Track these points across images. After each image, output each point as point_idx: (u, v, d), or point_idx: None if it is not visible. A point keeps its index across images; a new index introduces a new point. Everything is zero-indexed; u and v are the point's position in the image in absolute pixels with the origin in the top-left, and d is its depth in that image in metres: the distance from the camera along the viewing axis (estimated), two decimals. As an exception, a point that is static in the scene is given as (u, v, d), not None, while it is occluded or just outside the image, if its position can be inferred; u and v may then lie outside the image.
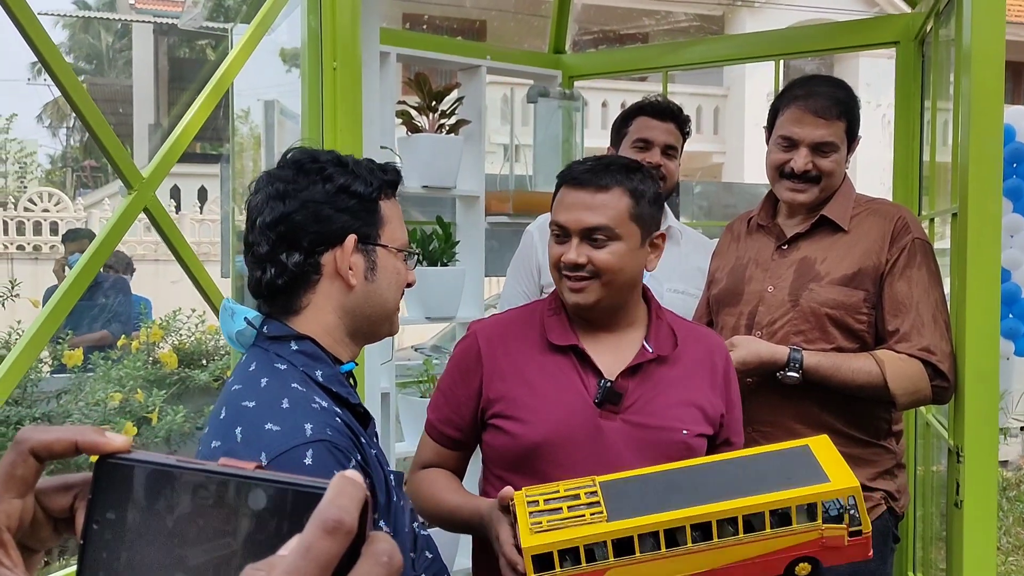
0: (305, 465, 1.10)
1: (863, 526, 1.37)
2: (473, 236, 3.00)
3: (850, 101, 2.03)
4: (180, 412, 3.95)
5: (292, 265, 1.24)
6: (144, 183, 1.32)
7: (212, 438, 1.19)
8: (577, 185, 1.57)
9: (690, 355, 1.65)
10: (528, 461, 1.57)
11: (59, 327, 1.22)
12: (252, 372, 1.24)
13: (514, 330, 1.65)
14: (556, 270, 1.60)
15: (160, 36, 18.82)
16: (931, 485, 2.74)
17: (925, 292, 1.94)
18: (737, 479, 1.39)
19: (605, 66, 3.48)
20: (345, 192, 1.26)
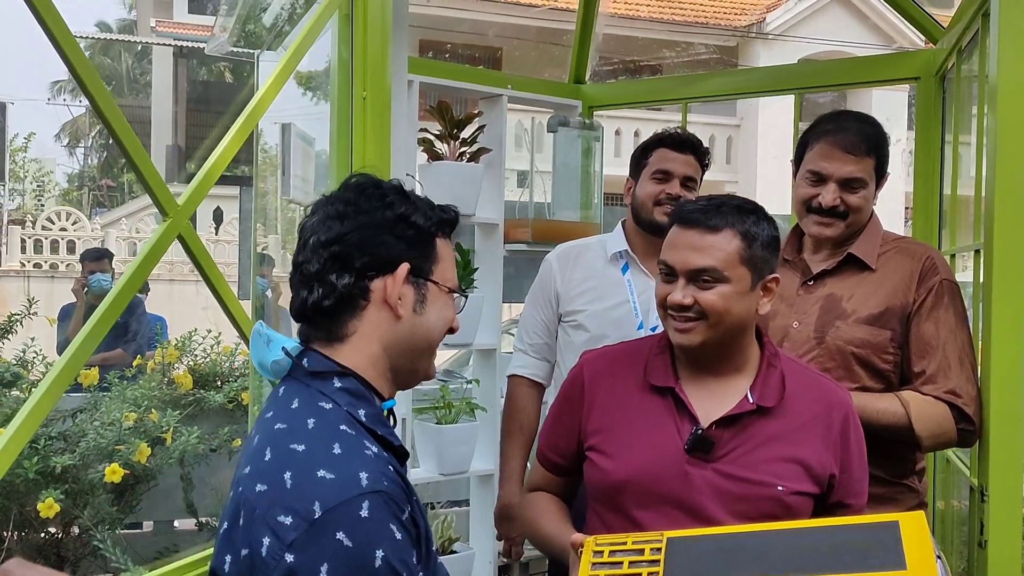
0: (361, 518, 1.07)
1: None
2: (491, 263, 3.00)
3: (879, 138, 2.03)
4: (194, 433, 3.94)
5: (341, 287, 1.21)
6: (179, 210, 1.34)
7: (257, 480, 1.13)
8: (687, 224, 1.55)
9: (803, 408, 1.58)
10: (614, 497, 1.58)
11: (91, 354, 1.22)
12: (296, 411, 1.19)
13: (620, 364, 1.66)
14: (662, 309, 1.59)
15: (180, 59, 19.03)
16: (951, 522, 2.71)
17: (952, 334, 1.93)
18: (809, 551, 1.31)
19: (625, 97, 3.50)
20: (404, 221, 1.24)
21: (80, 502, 3.63)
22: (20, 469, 3.42)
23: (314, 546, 1.04)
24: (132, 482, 3.86)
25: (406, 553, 1.09)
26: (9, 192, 19.92)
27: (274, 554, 1.06)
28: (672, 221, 1.60)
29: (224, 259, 13.53)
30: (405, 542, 1.10)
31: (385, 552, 1.06)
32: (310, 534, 1.05)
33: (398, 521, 1.10)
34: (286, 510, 1.07)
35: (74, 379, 1.23)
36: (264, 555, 1.07)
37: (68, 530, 3.84)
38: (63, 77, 26.08)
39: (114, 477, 3.51)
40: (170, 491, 4.15)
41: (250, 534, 1.09)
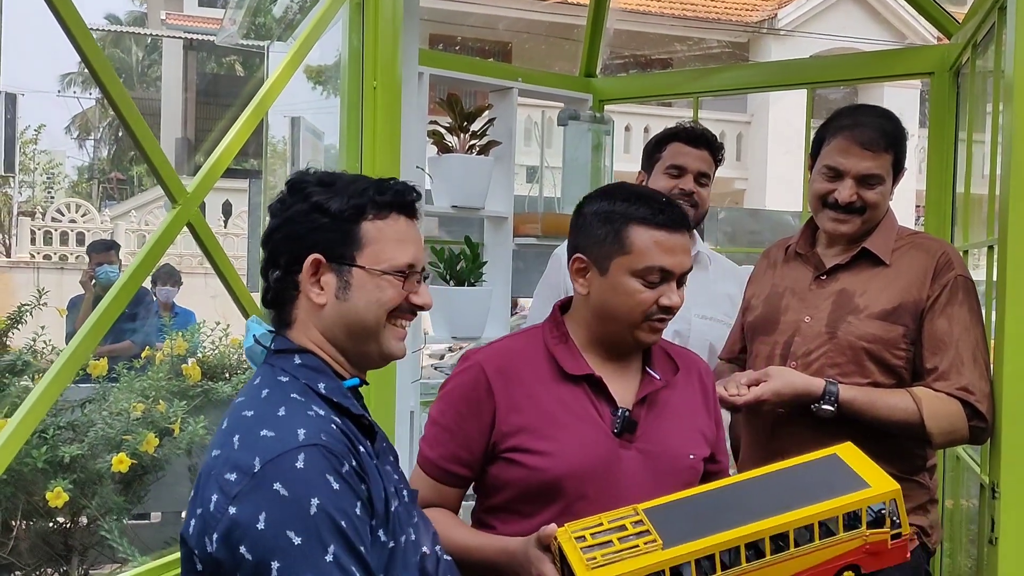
0: (297, 469, 1.12)
1: (903, 528, 1.39)
2: (501, 256, 3.00)
3: (897, 133, 2.00)
4: (202, 423, 3.95)
5: (273, 281, 1.30)
6: (188, 198, 1.33)
7: (213, 447, 1.23)
8: (675, 229, 1.57)
9: (684, 379, 1.68)
10: (547, 493, 1.54)
11: (100, 340, 1.23)
12: (256, 386, 1.28)
13: (519, 360, 1.62)
14: (642, 315, 1.57)
15: (189, 51, 19.06)
16: (960, 520, 2.70)
17: (966, 330, 1.91)
18: (777, 494, 1.40)
19: (636, 90, 3.48)
20: (317, 211, 1.28)
21: (88, 492, 3.64)
22: (29, 459, 3.43)
23: (253, 497, 1.11)
24: (140, 472, 3.88)
25: (345, 502, 1.14)
26: (19, 184, 19.99)
27: (219, 508, 1.13)
28: (654, 224, 1.56)
29: (234, 252, 13.56)
30: (344, 492, 1.14)
31: (321, 500, 1.11)
32: (250, 486, 1.12)
33: (336, 473, 1.15)
34: (231, 468, 1.15)
35: (83, 366, 1.23)
36: (212, 510, 1.14)
37: (76, 520, 3.85)
38: (73, 69, 26.15)
39: (121, 467, 3.52)
40: (178, 482, 4.16)
41: (204, 494, 1.17)
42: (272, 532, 1.10)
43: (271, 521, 1.10)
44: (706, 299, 2.43)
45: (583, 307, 1.64)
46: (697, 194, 2.40)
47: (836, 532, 1.37)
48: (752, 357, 2.13)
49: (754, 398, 1.89)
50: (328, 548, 1.11)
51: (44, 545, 3.81)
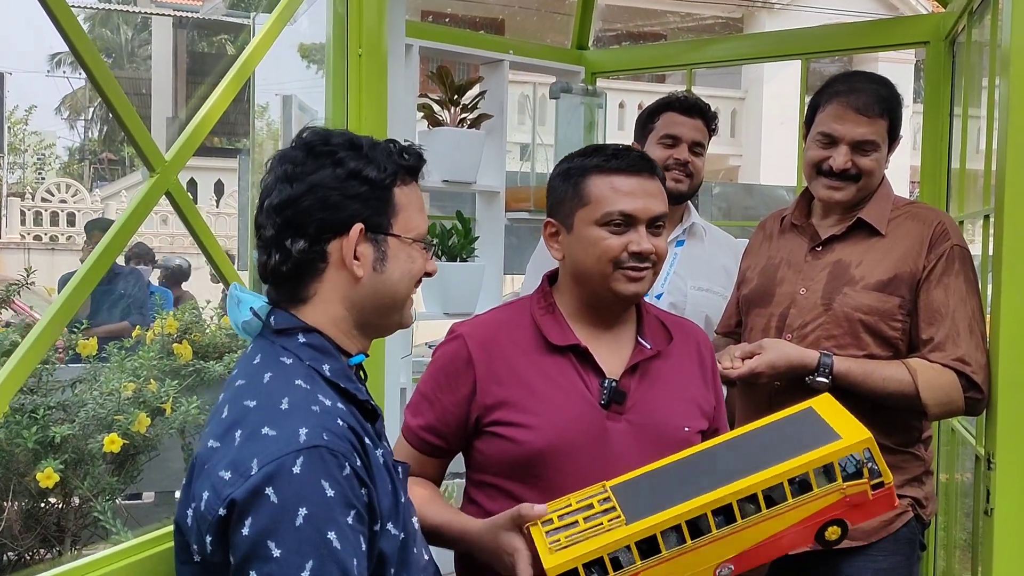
0: (292, 475, 1.08)
1: (884, 477, 1.34)
2: (493, 232, 2.97)
3: (893, 99, 1.98)
4: (194, 403, 3.93)
5: (297, 252, 1.20)
6: (166, 166, 1.29)
7: (212, 435, 1.17)
8: (635, 172, 1.53)
9: (679, 349, 1.63)
10: (531, 468, 1.51)
11: (76, 312, 1.19)
12: (256, 366, 1.21)
13: (504, 332, 1.59)
14: (611, 263, 1.52)
15: (179, 30, 18.89)
16: (955, 492, 2.69)
17: (962, 301, 1.89)
18: (747, 455, 1.36)
19: (628, 63, 3.44)
20: (355, 178, 1.21)
21: (79, 472, 3.62)
22: (19, 439, 3.41)
23: (244, 501, 1.07)
24: (132, 452, 3.86)
25: (337, 511, 1.09)
26: (9, 165, 19.85)
27: (210, 508, 1.10)
28: (610, 171, 1.53)
29: (226, 232, 13.50)
30: (337, 500, 1.09)
31: (310, 511, 1.07)
32: (242, 490, 1.07)
33: (333, 478, 1.10)
34: (228, 466, 1.10)
35: (71, 346, 1.20)
36: (203, 509, 1.11)
37: (68, 500, 3.84)
38: (63, 49, 25.93)
39: (113, 447, 3.50)
40: (171, 461, 4.15)
41: (197, 488, 1.13)
42: (254, 540, 1.06)
43: (255, 528, 1.06)
44: (702, 271, 2.41)
45: (563, 273, 1.62)
46: (692, 164, 2.38)
47: (812, 488, 1.32)
48: (747, 330, 2.11)
49: (748, 371, 1.88)
50: (306, 565, 1.06)
51: (37, 526, 3.80)
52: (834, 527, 1.34)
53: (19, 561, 3.73)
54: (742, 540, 1.31)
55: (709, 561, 1.32)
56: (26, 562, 3.71)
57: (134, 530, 3.46)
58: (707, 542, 1.31)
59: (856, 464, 1.33)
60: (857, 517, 1.35)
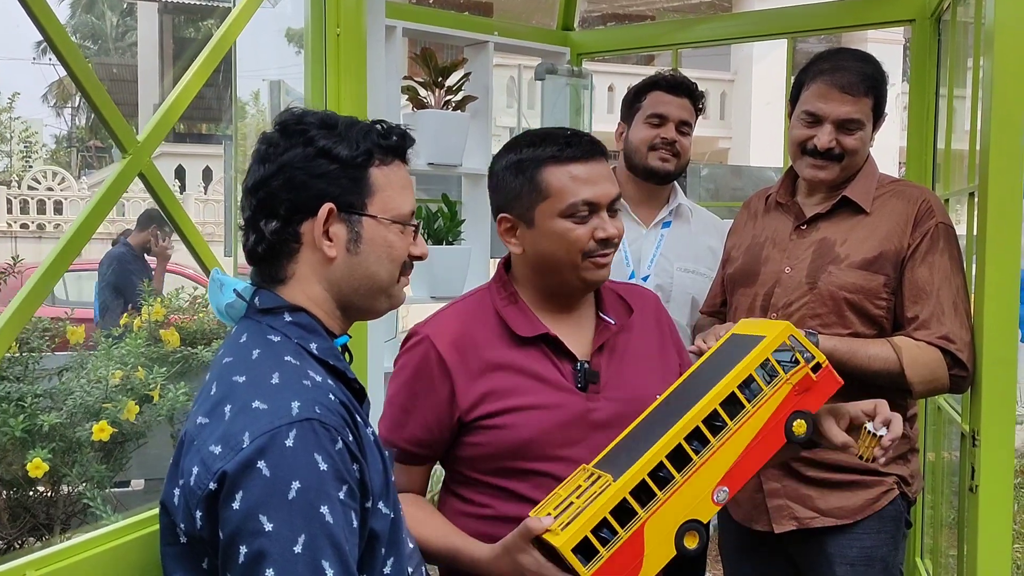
0: (285, 447, 1.06)
1: (817, 357, 1.45)
2: (479, 215, 2.95)
3: (878, 77, 1.96)
4: (183, 389, 3.92)
5: (269, 233, 1.19)
6: (139, 147, 1.27)
7: (199, 414, 1.15)
8: (589, 158, 1.51)
9: (639, 318, 1.64)
10: (520, 458, 1.50)
11: (51, 290, 1.18)
12: (243, 344, 1.19)
13: (470, 328, 1.56)
14: (580, 252, 1.51)
15: (165, 15, 18.74)
16: (941, 471, 2.71)
17: (947, 279, 1.89)
18: (697, 388, 1.44)
19: (614, 43, 3.42)
20: (325, 156, 1.19)
21: (68, 460, 3.61)
22: (6, 427, 3.39)
23: (235, 474, 1.05)
24: (121, 440, 3.85)
25: (329, 485, 1.07)
26: (-5, 153, 19.73)
27: (200, 483, 1.08)
28: (565, 160, 1.51)
29: (214, 219, 13.43)
30: (330, 474, 1.07)
31: (303, 484, 1.05)
32: (234, 463, 1.05)
33: (326, 451, 1.08)
34: (218, 440, 1.08)
35: (29, 318, 1.18)
36: (192, 484, 1.09)
37: (57, 489, 3.83)
38: (47, 36, 25.68)
39: (102, 435, 3.49)
40: (161, 449, 4.14)
41: (186, 464, 1.11)
42: (245, 514, 1.04)
43: (247, 502, 1.04)
44: (689, 252, 2.41)
45: (523, 265, 1.59)
46: (679, 143, 2.37)
47: (762, 388, 1.41)
48: (732, 309, 2.11)
49: (733, 350, 1.87)
50: (298, 539, 1.04)
51: (26, 515, 3.79)
52: (799, 420, 1.43)
53: (8, 550, 3.72)
54: (723, 458, 1.39)
55: (704, 489, 1.38)
56: (15, 551, 3.70)
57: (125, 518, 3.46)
58: (694, 471, 1.37)
59: (791, 357, 1.44)
60: (812, 402, 1.44)
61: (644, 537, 1.34)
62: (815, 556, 1.97)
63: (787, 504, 1.97)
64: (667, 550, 1.35)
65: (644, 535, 1.34)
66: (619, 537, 1.32)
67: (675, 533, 1.35)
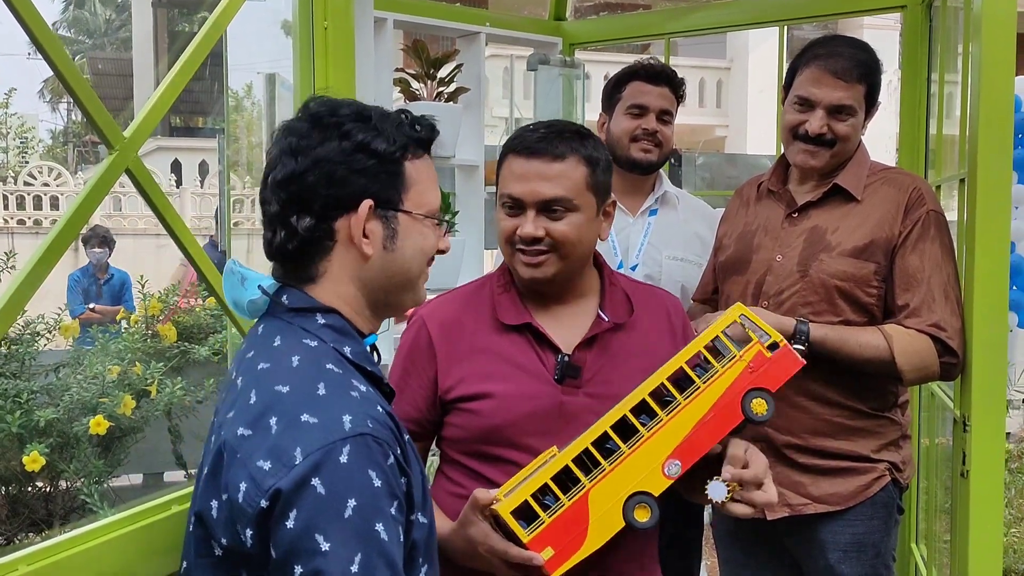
0: (340, 464, 1.02)
1: (773, 336, 1.46)
2: (472, 206, 2.95)
3: (872, 64, 1.96)
4: (179, 384, 3.93)
5: (303, 230, 1.14)
6: (125, 143, 1.27)
7: (240, 424, 1.08)
8: (530, 154, 1.50)
9: (647, 318, 1.61)
10: (492, 443, 1.51)
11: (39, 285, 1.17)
12: (278, 348, 1.13)
13: (463, 312, 1.58)
14: (508, 244, 1.53)
15: (159, 9, 18.68)
16: (935, 457, 2.72)
17: (937, 266, 1.89)
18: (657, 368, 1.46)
19: (607, 33, 3.41)
20: (363, 151, 1.14)
21: (66, 455, 3.63)
22: (3, 423, 3.41)
23: (288, 493, 1.01)
24: (118, 435, 3.86)
25: (383, 502, 1.04)
26: (-10, 149, 19.68)
27: (250, 500, 1.03)
28: (510, 150, 1.53)
29: (210, 212, 13.41)
30: (384, 489, 1.04)
31: (359, 501, 1.01)
32: (287, 480, 1.01)
33: (379, 467, 1.05)
34: (267, 455, 1.03)
35: (27, 301, 1.17)
36: (240, 501, 1.04)
37: (55, 484, 3.84)
38: (41, 31, 25.59)
39: (99, 429, 3.50)
40: (158, 444, 4.15)
41: (230, 478, 1.06)
42: (300, 533, 1.00)
43: (301, 521, 1.00)
44: (677, 240, 2.41)
45: None
46: (660, 133, 2.36)
47: (713, 366, 1.43)
48: (724, 297, 2.11)
49: (724, 339, 1.88)
50: (355, 558, 1.00)
51: (24, 510, 3.80)
52: (758, 399, 1.43)
53: (8, 545, 3.73)
54: (673, 432, 1.40)
55: (653, 461, 1.39)
56: (15, 546, 3.72)
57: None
58: (640, 443, 1.39)
59: (744, 335, 1.46)
60: (770, 381, 1.45)
61: (588, 506, 1.35)
62: (807, 543, 1.98)
63: (779, 491, 1.97)
64: (614, 521, 1.37)
65: (588, 504, 1.35)
66: (561, 504, 1.34)
67: (623, 504, 1.37)
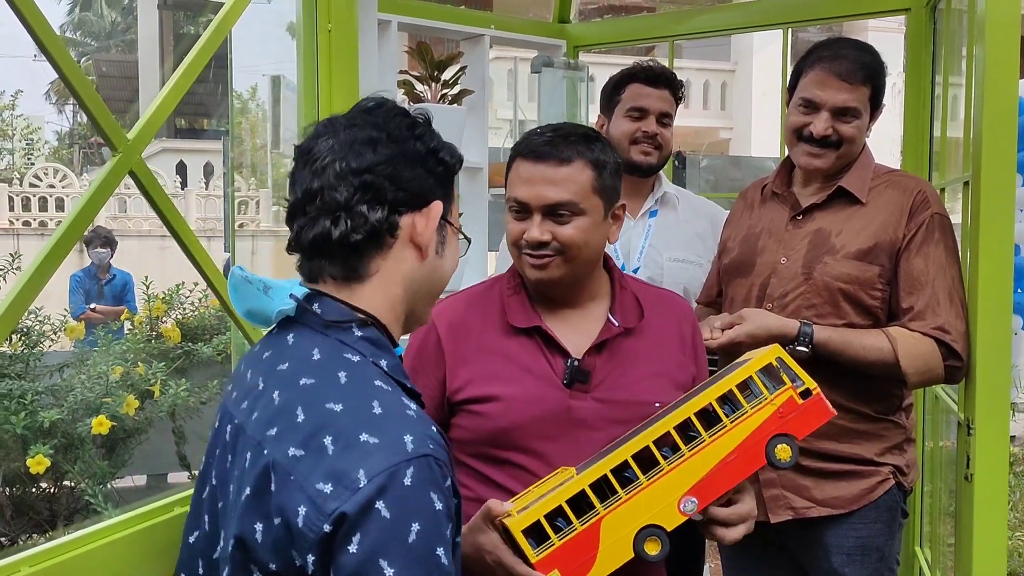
0: (404, 487, 0.99)
1: (807, 383, 1.41)
2: (476, 208, 2.96)
3: (876, 67, 1.96)
4: (183, 385, 3.93)
5: (374, 220, 1.11)
6: (129, 145, 1.27)
7: (290, 444, 1.04)
8: (536, 158, 1.51)
9: (658, 323, 1.61)
10: (499, 445, 1.51)
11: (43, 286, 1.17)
12: (321, 363, 1.10)
13: (473, 313, 1.58)
14: (515, 247, 1.54)
15: (164, 11, 18.73)
16: (939, 460, 2.71)
17: (942, 269, 1.89)
18: (686, 400, 1.43)
19: (610, 35, 3.42)
20: (434, 156, 1.16)
21: (70, 456, 3.63)
22: (7, 424, 3.41)
23: (354, 516, 0.98)
24: (122, 436, 3.87)
25: (443, 526, 1.02)
26: (-3, 150, 19.74)
27: (311, 524, 0.99)
28: (517, 154, 1.54)
29: (215, 214, 13.44)
30: (444, 512, 1.02)
31: (422, 526, 0.99)
32: (353, 504, 0.98)
33: (440, 489, 1.03)
34: (327, 477, 1.00)
35: (31, 302, 1.17)
36: (300, 525, 1.00)
37: (59, 485, 3.85)
38: (47, 33, 25.67)
39: (101, 429, 3.51)
40: (162, 445, 4.16)
41: (284, 501, 1.02)
42: (364, 559, 0.97)
43: (366, 546, 0.97)
44: (678, 241, 2.40)
45: None
46: (660, 135, 2.36)
47: (741, 405, 1.39)
48: (728, 300, 2.11)
49: (728, 341, 1.88)
50: None
51: (29, 511, 3.81)
52: (782, 445, 1.40)
53: (12, 546, 3.74)
54: (694, 469, 1.37)
55: (669, 496, 1.36)
56: (19, 547, 3.73)
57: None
58: (659, 476, 1.36)
59: (779, 381, 1.41)
60: (797, 428, 1.41)
61: (600, 533, 1.33)
62: (811, 546, 1.98)
63: (783, 494, 1.97)
64: (624, 551, 1.34)
65: (600, 531, 1.33)
66: (573, 528, 1.32)
67: (635, 535, 1.34)
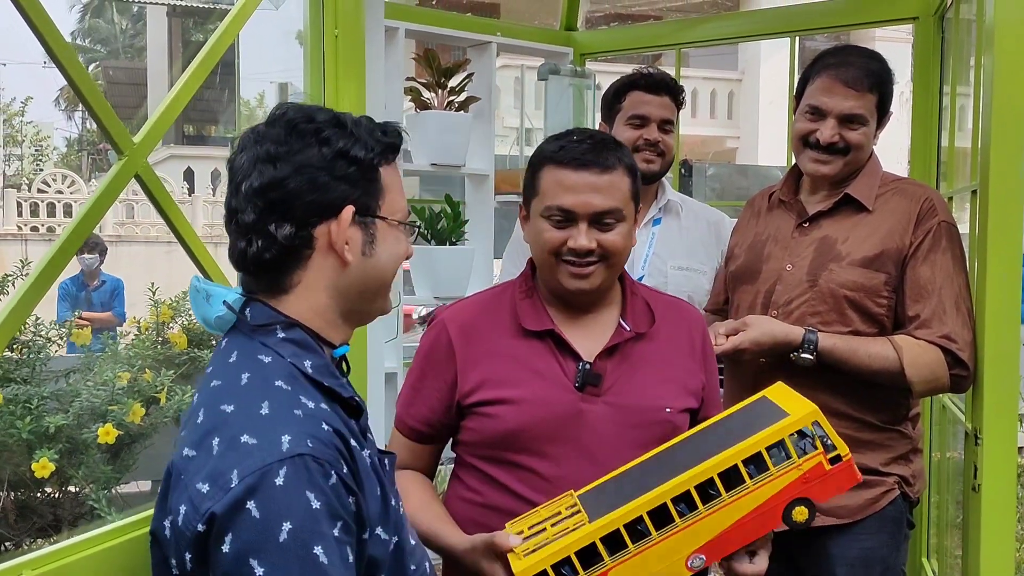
0: (275, 487, 1.00)
1: (839, 449, 1.34)
2: (482, 215, 2.95)
3: (884, 74, 1.96)
4: (189, 392, 3.93)
5: (283, 238, 1.12)
6: (135, 149, 1.28)
7: (186, 444, 1.09)
8: (579, 166, 1.50)
9: (668, 329, 1.61)
10: (509, 448, 1.51)
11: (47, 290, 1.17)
12: (232, 365, 1.13)
13: (485, 317, 1.59)
14: (553, 256, 1.52)
15: (173, 18, 18.82)
16: (947, 471, 2.69)
17: (948, 278, 1.88)
18: (705, 446, 1.37)
19: (617, 43, 3.41)
20: (343, 157, 1.14)
21: (75, 461, 3.63)
22: (13, 429, 3.42)
23: (224, 517, 1.00)
24: (127, 442, 3.87)
25: (323, 524, 1.02)
26: (6, 156, 19.83)
27: (188, 523, 1.03)
28: (556, 162, 1.51)
29: (222, 221, 13.49)
30: (323, 512, 1.02)
31: (294, 525, 1.00)
32: (222, 504, 1.00)
33: (319, 488, 1.03)
34: (205, 478, 1.03)
35: (37, 303, 1.17)
36: (180, 524, 1.04)
37: (64, 490, 3.85)
38: (57, 39, 25.82)
39: (108, 438, 3.51)
40: (167, 450, 4.15)
41: (173, 501, 1.06)
42: (234, 558, 0.99)
43: (236, 545, 0.99)
44: (681, 249, 2.39)
45: (534, 258, 1.61)
46: (662, 142, 2.35)
47: (768, 467, 1.32)
48: (734, 307, 2.11)
49: (732, 347, 1.87)
50: None
51: (33, 516, 3.81)
52: (800, 507, 1.33)
53: (16, 550, 3.74)
54: (708, 528, 1.32)
55: (679, 552, 1.32)
56: (23, 551, 3.73)
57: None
58: (672, 532, 1.31)
59: (811, 442, 1.34)
60: (820, 494, 1.34)
61: None
62: (815, 555, 1.97)
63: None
64: None
65: None
66: None
67: None
